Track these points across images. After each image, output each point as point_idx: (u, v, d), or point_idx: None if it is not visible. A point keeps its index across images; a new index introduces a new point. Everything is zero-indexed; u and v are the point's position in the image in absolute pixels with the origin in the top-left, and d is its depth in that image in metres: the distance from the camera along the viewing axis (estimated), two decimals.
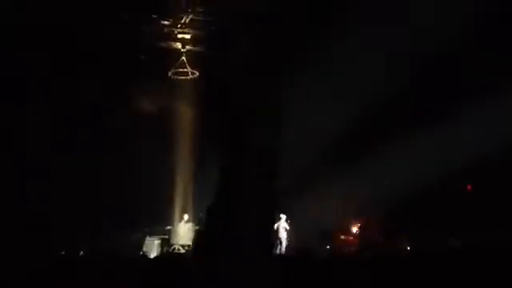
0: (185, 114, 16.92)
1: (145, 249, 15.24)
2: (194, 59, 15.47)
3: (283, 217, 15.81)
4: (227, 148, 6.44)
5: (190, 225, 16.32)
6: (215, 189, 6.28)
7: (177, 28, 14.95)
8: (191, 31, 15.13)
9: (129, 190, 15.66)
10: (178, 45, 15.35)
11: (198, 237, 15.58)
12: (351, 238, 16.89)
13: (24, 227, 12.66)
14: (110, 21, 13.91)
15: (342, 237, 16.95)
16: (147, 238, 15.52)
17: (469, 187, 16.63)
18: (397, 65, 14.42)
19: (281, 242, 15.62)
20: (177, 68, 15.34)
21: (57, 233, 13.03)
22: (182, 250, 15.09)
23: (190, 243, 15.34)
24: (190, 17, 14.60)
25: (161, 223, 16.28)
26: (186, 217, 16.26)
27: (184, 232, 16.07)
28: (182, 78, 15.59)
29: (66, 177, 14.85)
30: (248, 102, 6.91)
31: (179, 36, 15.16)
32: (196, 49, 15.57)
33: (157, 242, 15.56)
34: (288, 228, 15.83)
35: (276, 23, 13.41)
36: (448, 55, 14.68)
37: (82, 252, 9.27)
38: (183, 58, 15.28)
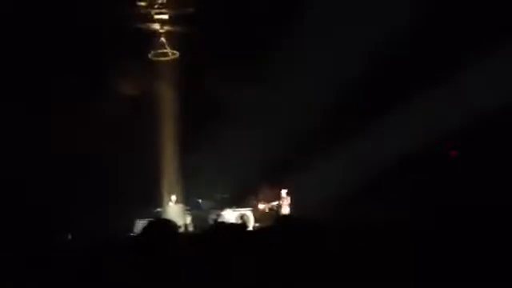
0: (168, 96, 16.85)
1: (135, 232, 15.22)
2: (174, 39, 15.42)
3: None
4: None
5: (180, 206, 16.37)
6: None
7: (154, 8, 14.82)
8: (169, 11, 15.03)
9: (115, 174, 15.64)
10: (157, 26, 15.25)
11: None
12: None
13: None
14: (86, 3, 13.75)
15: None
16: (137, 221, 15.50)
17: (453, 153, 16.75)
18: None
19: None
20: (157, 49, 15.27)
21: (44, 216, 13.03)
22: None
23: (181, 223, 15.37)
24: None
25: (150, 206, 16.29)
26: (173, 198, 16.28)
27: (175, 213, 16.10)
28: (162, 59, 15.52)
29: (49, 162, 14.80)
30: None
31: (157, 17, 15.04)
32: (175, 29, 15.48)
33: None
34: None
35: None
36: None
37: (69, 236, 9.29)
38: (162, 38, 15.20)
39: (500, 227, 5.58)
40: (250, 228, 14.37)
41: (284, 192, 16.08)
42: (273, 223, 5.59)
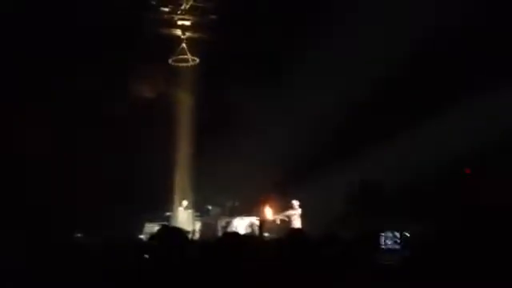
0: (184, 101, 16.96)
1: (144, 235, 15.30)
2: (195, 46, 15.54)
3: None
4: None
5: (189, 212, 16.41)
6: None
7: (176, 14, 14.96)
8: (191, 17, 15.16)
9: (128, 177, 15.75)
10: (178, 31, 15.38)
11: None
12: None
13: (22, 213, 12.73)
14: (109, 7, 13.90)
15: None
16: (146, 224, 15.58)
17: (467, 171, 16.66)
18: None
19: None
20: (177, 55, 15.39)
21: (54, 216, 13.12)
22: None
23: (189, 229, 15.39)
24: (190, 3, 14.62)
25: (160, 210, 16.37)
26: (184, 203, 16.33)
27: (183, 218, 16.16)
28: (182, 64, 15.63)
29: (64, 164, 14.93)
30: None
31: (179, 22, 15.17)
32: (196, 35, 15.60)
33: (156, 228, 15.57)
34: None
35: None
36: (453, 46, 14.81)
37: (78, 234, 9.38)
38: (183, 44, 15.31)
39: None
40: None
41: (296, 203, 15.54)
42: (285, 237, 5.57)
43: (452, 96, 15.03)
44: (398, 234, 7.29)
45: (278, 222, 15.76)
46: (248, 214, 16.54)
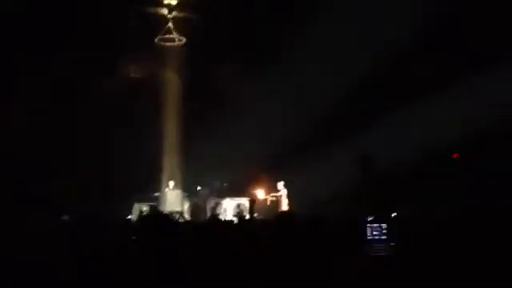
0: (172, 81, 16.84)
1: (133, 215, 15.29)
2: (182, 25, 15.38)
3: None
4: None
5: (178, 192, 16.39)
6: None
7: None
8: None
9: (116, 157, 15.68)
10: (165, 10, 15.19)
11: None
12: None
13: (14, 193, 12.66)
14: None
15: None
16: (135, 204, 15.57)
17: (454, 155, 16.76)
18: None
19: None
20: (163, 34, 15.22)
21: (42, 199, 13.05)
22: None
23: (178, 209, 15.42)
24: None
25: (149, 190, 16.34)
26: (171, 183, 16.30)
27: (172, 198, 16.14)
28: (168, 44, 15.48)
29: (52, 143, 14.82)
30: None
31: (165, 1, 14.98)
32: (183, 15, 15.42)
33: (145, 208, 15.61)
34: None
35: None
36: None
37: (66, 217, 9.32)
38: (170, 24, 15.15)
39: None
40: (247, 217, 14.33)
41: (281, 184, 15.71)
42: (275, 220, 5.58)
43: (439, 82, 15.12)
44: (384, 226, 7.34)
45: (268, 202, 15.84)
46: (237, 194, 16.58)
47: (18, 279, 5.48)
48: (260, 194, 16.08)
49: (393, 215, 11.62)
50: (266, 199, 15.98)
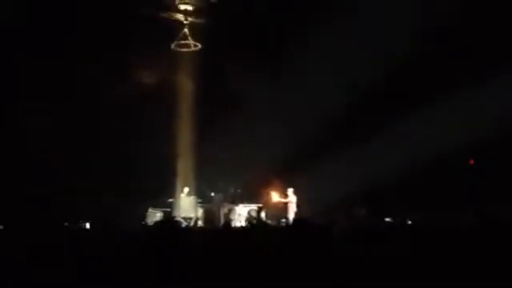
0: (187, 86, 16.88)
1: (147, 221, 15.29)
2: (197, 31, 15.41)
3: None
4: None
5: (192, 198, 16.36)
6: None
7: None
8: (194, 2, 15.01)
9: (131, 163, 15.72)
10: (181, 16, 15.24)
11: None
12: None
13: (26, 199, 12.71)
14: None
15: None
16: (149, 209, 15.58)
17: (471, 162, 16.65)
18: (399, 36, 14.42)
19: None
20: (179, 40, 15.27)
21: (59, 205, 13.10)
22: (184, 223, 15.12)
23: (191, 216, 15.40)
24: None
25: (163, 196, 16.33)
26: (186, 190, 16.28)
27: (186, 205, 16.11)
28: (184, 50, 15.52)
29: (68, 148, 14.89)
30: None
31: (181, 7, 15.02)
32: (199, 21, 15.45)
33: (159, 214, 15.62)
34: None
35: None
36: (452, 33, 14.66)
37: (85, 224, 9.31)
38: (185, 30, 15.18)
39: None
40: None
41: (290, 191, 15.72)
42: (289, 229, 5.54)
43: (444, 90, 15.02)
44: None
45: (278, 207, 15.84)
46: (250, 201, 16.53)
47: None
48: (274, 197, 16.11)
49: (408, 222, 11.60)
50: (277, 204, 15.99)
